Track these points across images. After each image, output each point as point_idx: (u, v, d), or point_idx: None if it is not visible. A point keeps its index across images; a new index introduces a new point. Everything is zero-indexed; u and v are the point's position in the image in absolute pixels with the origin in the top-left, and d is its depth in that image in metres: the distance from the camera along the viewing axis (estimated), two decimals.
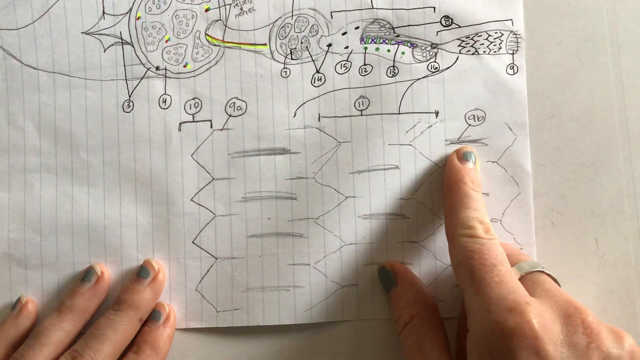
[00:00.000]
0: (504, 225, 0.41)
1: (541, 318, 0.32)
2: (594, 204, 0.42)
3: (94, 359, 0.38)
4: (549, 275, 0.36)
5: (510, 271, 0.35)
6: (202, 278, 0.42)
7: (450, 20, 0.42)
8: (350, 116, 0.42)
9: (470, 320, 0.34)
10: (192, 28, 0.42)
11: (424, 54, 0.42)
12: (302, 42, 0.42)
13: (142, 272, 0.41)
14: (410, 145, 0.42)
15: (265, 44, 0.42)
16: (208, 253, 0.42)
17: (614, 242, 0.42)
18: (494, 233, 0.36)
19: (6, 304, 0.42)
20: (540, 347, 0.31)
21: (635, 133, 0.42)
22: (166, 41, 0.42)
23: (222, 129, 0.42)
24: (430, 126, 0.42)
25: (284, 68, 0.42)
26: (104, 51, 0.42)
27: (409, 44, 0.42)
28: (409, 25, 0.42)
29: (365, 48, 0.42)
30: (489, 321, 0.32)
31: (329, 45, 0.42)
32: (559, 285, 0.36)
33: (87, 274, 0.41)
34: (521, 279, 0.36)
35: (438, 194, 0.42)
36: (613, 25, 0.42)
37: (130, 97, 0.42)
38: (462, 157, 0.40)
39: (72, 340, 0.40)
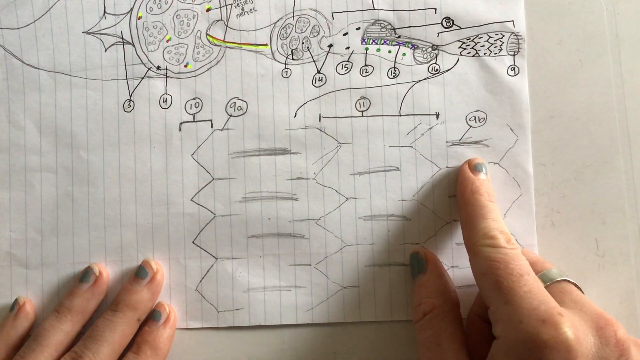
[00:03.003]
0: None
1: (575, 329, 0.31)
2: (594, 204, 0.41)
3: None
4: (574, 284, 0.35)
5: (537, 281, 0.33)
6: (202, 278, 0.40)
7: (451, 22, 0.41)
8: (351, 117, 0.41)
9: (498, 329, 0.32)
10: (193, 28, 0.41)
11: (425, 56, 0.41)
12: (303, 43, 0.41)
13: (140, 272, 0.39)
14: (411, 147, 0.41)
15: (266, 44, 0.41)
16: (208, 253, 0.40)
17: (614, 242, 0.40)
18: (515, 243, 0.35)
19: (6, 304, 0.40)
20: (572, 354, 0.30)
21: (635, 133, 0.41)
22: (167, 41, 0.41)
23: (222, 129, 0.41)
24: (431, 128, 0.41)
25: (285, 68, 0.41)
26: (105, 51, 0.41)
27: (410, 45, 0.41)
28: (410, 27, 0.41)
29: (367, 49, 0.41)
30: (521, 332, 0.31)
31: (330, 45, 0.41)
32: (583, 294, 0.35)
33: (86, 274, 0.39)
34: (547, 287, 0.34)
35: (439, 195, 0.40)
36: (613, 25, 0.41)
37: (130, 96, 0.41)
38: (474, 168, 0.39)
39: (72, 341, 0.38)
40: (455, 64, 0.41)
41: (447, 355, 0.34)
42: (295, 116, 0.41)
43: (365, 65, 0.41)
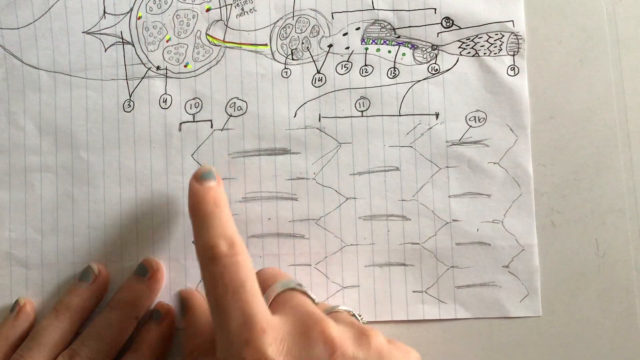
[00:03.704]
0: (505, 226, 0.40)
1: (278, 344, 0.30)
2: (594, 204, 0.40)
3: (91, 358, 0.36)
4: (302, 292, 0.34)
5: (253, 292, 0.31)
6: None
7: (451, 22, 0.41)
8: (351, 117, 0.40)
9: (217, 352, 0.31)
10: (193, 28, 0.41)
11: (425, 56, 0.41)
12: (303, 43, 0.41)
13: (140, 270, 0.39)
14: (411, 146, 0.40)
15: (266, 44, 0.41)
16: None
17: (614, 242, 0.40)
18: (240, 245, 0.32)
19: (7, 303, 0.40)
20: None
21: (635, 133, 0.41)
22: (167, 41, 0.41)
23: (222, 129, 0.40)
24: (430, 128, 0.40)
25: (285, 68, 0.41)
26: (105, 51, 0.41)
27: (409, 45, 0.41)
28: (409, 27, 0.41)
29: (366, 49, 0.41)
30: (228, 355, 0.30)
31: (330, 45, 0.41)
32: (313, 301, 0.34)
33: (85, 273, 0.39)
34: (274, 300, 0.33)
35: (439, 195, 0.40)
36: (613, 25, 0.41)
37: (130, 96, 0.41)
38: (201, 177, 0.36)
39: (70, 339, 0.38)
40: (455, 64, 0.40)
41: None
42: (295, 116, 0.40)
43: (365, 65, 0.40)
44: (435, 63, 0.40)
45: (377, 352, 0.31)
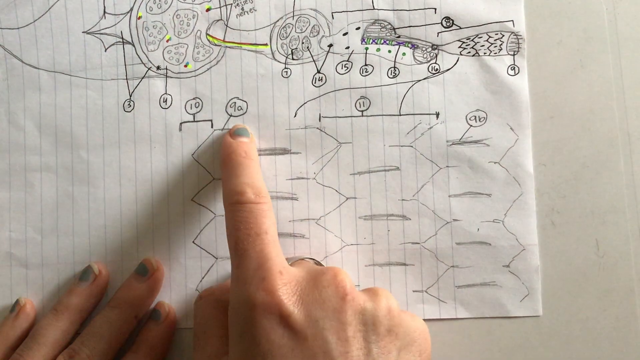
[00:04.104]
0: (506, 226, 0.40)
1: (292, 286, 0.31)
2: (594, 204, 0.40)
3: (90, 357, 0.36)
4: (316, 261, 0.36)
5: (274, 239, 0.33)
6: (202, 278, 0.40)
7: (451, 22, 0.41)
8: (351, 117, 0.40)
9: (230, 294, 0.32)
10: (193, 28, 0.41)
11: (425, 55, 0.41)
12: (303, 42, 0.41)
13: (140, 270, 0.39)
14: (411, 146, 0.40)
15: (266, 44, 0.41)
16: (208, 253, 0.40)
17: (614, 242, 0.40)
18: (265, 196, 0.34)
19: (7, 303, 0.40)
20: (284, 312, 0.30)
21: (635, 133, 0.40)
22: (167, 41, 0.41)
23: (222, 129, 0.40)
24: (431, 127, 0.40)
25: (285, 68, 0.41)
26: (105, 50, 0.41)
27: (409, 45, 0.41)
28: (410, 26, 0.41)
29: (366, 48, 0.41)
30: (243, 293, 0.31)
31: (330, 45, 0.41)
32: None
33: (85, 273, 0.39)
34: (290, 264, 0.35)
35: (439, 195, 0.40)
36: (613, 25, 0.41)
37: (131, 96, 0.41)
38: (235, 133, 0.38)
39: (70, 339, 0.38)
40: (455, 63, 0.40)
41: (211, 341, 0.34)
42: (295, 116, 0.40)
43: (365, 65, 0.40)
44: (435, 63, 0.40)
45: (386, 308, 0.31)
